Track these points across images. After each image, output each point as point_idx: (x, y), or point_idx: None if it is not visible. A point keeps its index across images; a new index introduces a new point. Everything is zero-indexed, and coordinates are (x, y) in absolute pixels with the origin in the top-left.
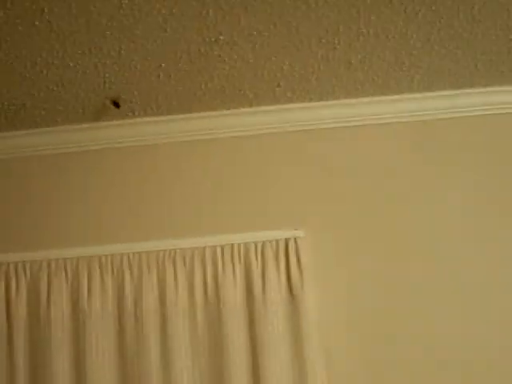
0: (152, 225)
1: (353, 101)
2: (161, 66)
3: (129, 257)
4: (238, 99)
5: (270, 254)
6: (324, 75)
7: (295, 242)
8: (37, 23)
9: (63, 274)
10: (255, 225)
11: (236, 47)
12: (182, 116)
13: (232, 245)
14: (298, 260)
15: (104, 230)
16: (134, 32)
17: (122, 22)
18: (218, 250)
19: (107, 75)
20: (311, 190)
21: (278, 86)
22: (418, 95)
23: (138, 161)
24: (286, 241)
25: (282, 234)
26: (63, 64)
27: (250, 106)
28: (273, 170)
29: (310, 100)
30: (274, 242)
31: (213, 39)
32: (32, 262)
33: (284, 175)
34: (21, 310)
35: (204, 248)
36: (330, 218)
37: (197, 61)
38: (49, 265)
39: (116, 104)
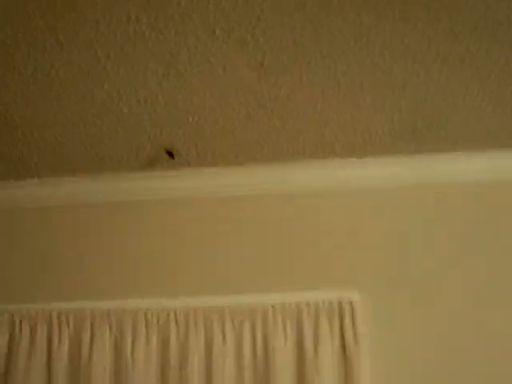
0: (202, 280)
1: None
2: (217, 120)
3: (175, 313)
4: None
5: (323, 315)
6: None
7: (351, 305)
8: (92, 69)
9: (107, 325)
10: (307, 283)
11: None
12: (235, 168)
13: (283, 304)
14: (353, 324)
15: (153, 283)
16: (191, 81)
17: (179, 71)
18: (270, 310)
19: (161, 124)
20: (365, 250)
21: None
22: None
23: (193, 212)
24: (340, 303)
25: (336, 295)
26: (118, 110)
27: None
28: (326, 228)
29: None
30: (327, 304)
31: (272, 96)
32: (76, 311)
33: (336, 234)
34: (62, 361)
35: (255, 306)
36: (383, 280)
37: (255, 114)
38: (93, 315)
39: (170, 154)
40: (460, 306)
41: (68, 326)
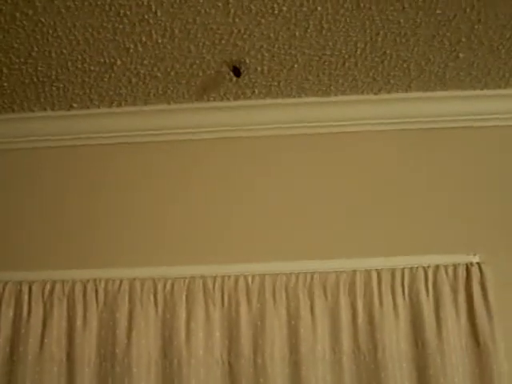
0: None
1: None
2: None
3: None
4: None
5: (445, 284)
6: None
7: (480, 269)
8: None
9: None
10: (420, 248)
11: None
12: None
13: (393, 270)
14: (485, 295)
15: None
16: None
17: None
18: (374, 275)
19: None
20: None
21: None
22: None
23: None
24: (468, 267)
25: (459, 259)
26: None
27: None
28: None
29: None
30: (450, 268)
31: None
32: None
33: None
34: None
35: (353, 272)
36: (504, 243)
37: None
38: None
39: (236, 70)
40: None
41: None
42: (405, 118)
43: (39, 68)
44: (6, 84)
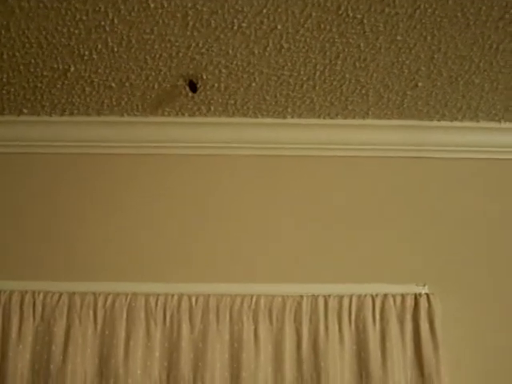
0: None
1: None
2: None
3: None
4: None
5: (392, 313)
6: None
7: (428, 299)
8: None
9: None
10: (369, 276)
11: None
12: None
13: (341, 297)
14: (432, 326)
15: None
16: None
17: None
18: (320, 301)
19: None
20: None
21: None
22: None
23: None
24: (416, 297)
25: (407, 289)
26: None
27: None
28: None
29: None
30: (398, 298)
31: None
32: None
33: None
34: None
35: (300, 297)
36: (454, 275)
37: None
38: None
39: (192, 85)
40: None
41: None
42: (360, 145)
43: None
44: None
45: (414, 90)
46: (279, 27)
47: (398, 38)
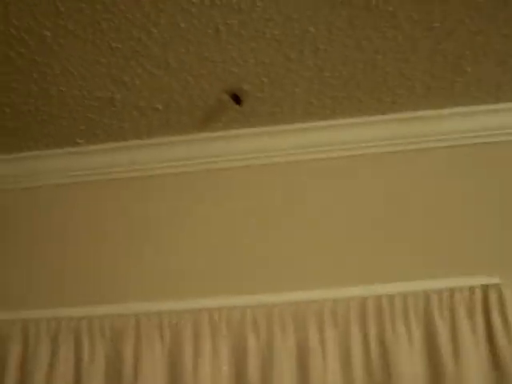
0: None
1: None
2: None
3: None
4: None
5: (461, 308)
6: None
7: (499, 291)
8: None
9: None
10: (433, 272)
11: None
12: None
13: (405, 295)
14: (504, 318)
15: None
16: None
17: None
18: (385, 302)
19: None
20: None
21: None
22: None
23: None
24: (484, 289)
25: (475, 281)
26: None
27: None
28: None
29: None
30: (466, 291)
31: None
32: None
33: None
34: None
35: (364, 299)
36: None
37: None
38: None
39: (236, 98)
40: None
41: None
42: (414, 138)
43: (41, 107)
44: (9, 124)
45: (464, 76)
46: (311, 30)
47: (435, 24)
